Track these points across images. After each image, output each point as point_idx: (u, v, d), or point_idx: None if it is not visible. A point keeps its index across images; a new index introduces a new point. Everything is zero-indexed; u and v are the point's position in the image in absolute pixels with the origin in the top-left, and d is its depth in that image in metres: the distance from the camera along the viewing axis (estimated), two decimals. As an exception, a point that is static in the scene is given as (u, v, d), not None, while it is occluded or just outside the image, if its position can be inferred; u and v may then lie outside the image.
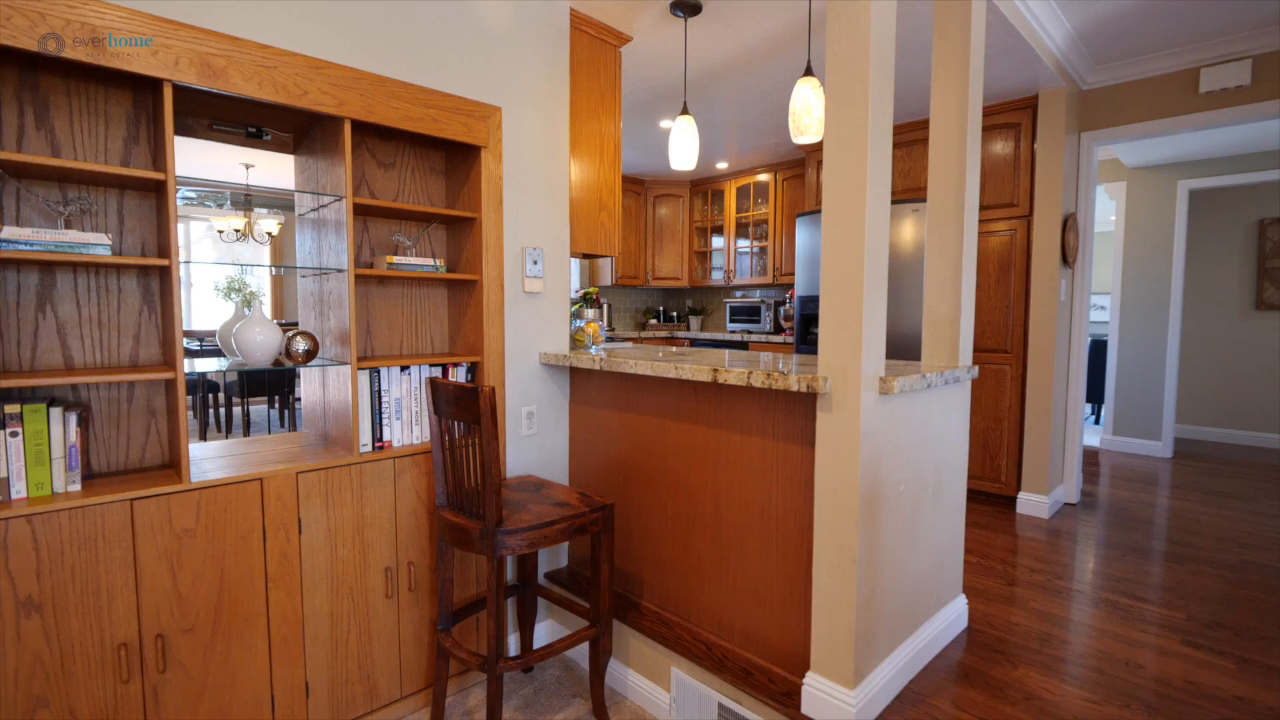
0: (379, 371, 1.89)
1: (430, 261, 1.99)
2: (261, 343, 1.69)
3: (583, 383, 2.31)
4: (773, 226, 5.05)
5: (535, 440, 2.28)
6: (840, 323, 1.40)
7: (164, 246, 1.49)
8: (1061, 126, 3.13)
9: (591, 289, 5.75)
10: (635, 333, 5.47)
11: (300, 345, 1.72)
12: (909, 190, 3.82)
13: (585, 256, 2.65)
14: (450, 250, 2.23)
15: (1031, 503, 3.35)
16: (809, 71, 1.87)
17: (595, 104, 2.45)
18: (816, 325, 4.25)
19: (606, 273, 5.70)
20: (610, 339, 5.18)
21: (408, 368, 1.97)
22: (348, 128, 1.72)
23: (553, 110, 2.27)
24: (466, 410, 1.61)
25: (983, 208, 3.50)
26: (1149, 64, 3.09)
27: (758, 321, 5.15)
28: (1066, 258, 3.24)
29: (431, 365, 2.03)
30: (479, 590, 2.11)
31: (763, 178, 5.14)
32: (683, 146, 2.24)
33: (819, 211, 4.07)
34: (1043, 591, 2.36)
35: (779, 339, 4.62)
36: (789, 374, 1.45)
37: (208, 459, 1.76)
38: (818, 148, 4.30)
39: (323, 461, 1.75)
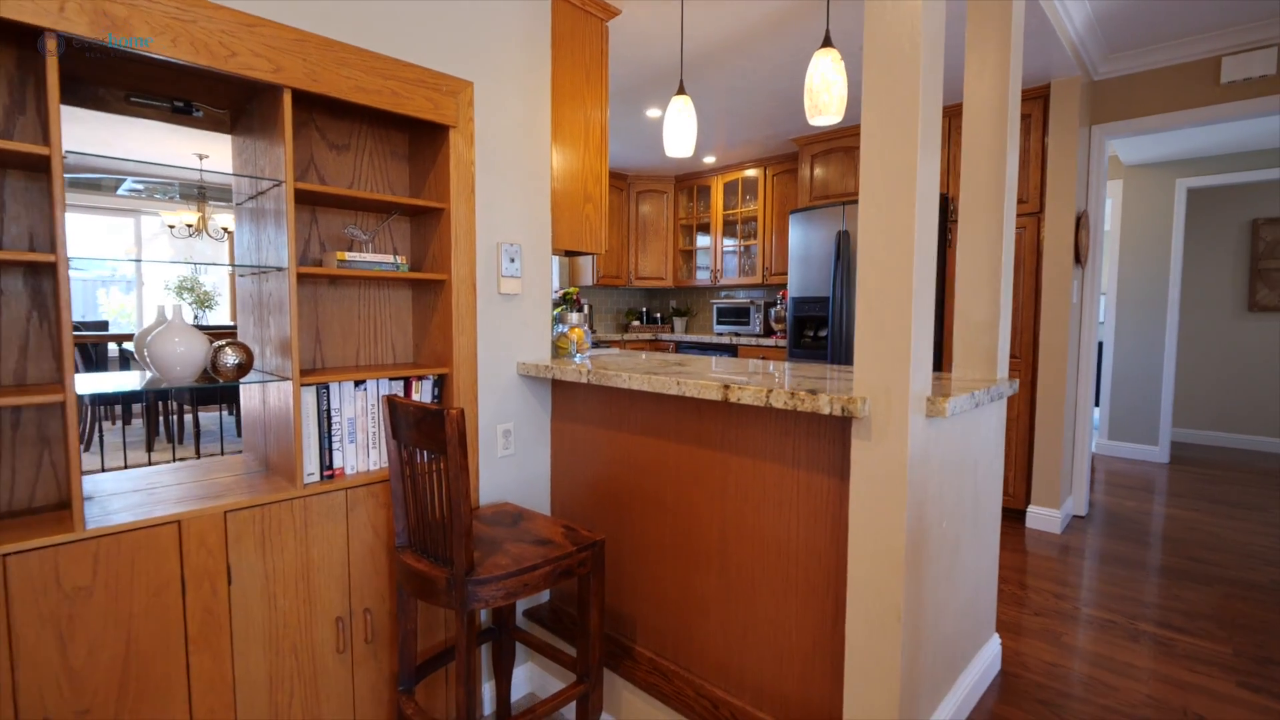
0: (328, 387, 1.63)
1: (390, 259, 1.74)
2: (182, 355, 1.42)
3: (567, 396, 2.08)
4: (762, 224, 4.87)
5: (512, 462, 2.04)
6: (882, 333, 1.19)
7: (52, 238, 1.22)
8: (1075, 118, 3.00)
9: (571, 289, 5.50)
10: (618, 335, 5.24)
11: (230, 358, 1.46)
12: (911, 186, 3.66)
13: (568, 254, 2.42)
14: (415, 246, 1.98)
15: (1042, 516, 3.21)
16: (827, 42, 1.67)
17: (579, 83, 2.22)
18: (811, 328, 4.08)
19: (587, 272, 5.46)
20: (594, 344, 4.95)
21: (363, 382, 1.71)
22: (287, 99, 1.47)
23: (532, 88, 2.03)
24: (430, 437, 1.37)
25: (989, 204, 3.35)
26: (1166, 52, 2.97)
27: (746, 324, 4.97)
28: (1079, 257, 3.11)
29: (392, 379, 1.77)
30: (448, 636, 1.86)
31: (751, 173, 4.95)
32: (679, 130, 2.02)
33: (814, 208, 3.89)
34: (1073, 622, 2.20)
35: (769, 342, 4.44)
36: (818, 393, 1.24)
37: (118, 495, 1.48)
38: (814, 140, 4.13)
39: (259, 496, 1.48)
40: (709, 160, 5.02)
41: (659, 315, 5.99)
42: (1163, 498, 3.85)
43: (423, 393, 1.83)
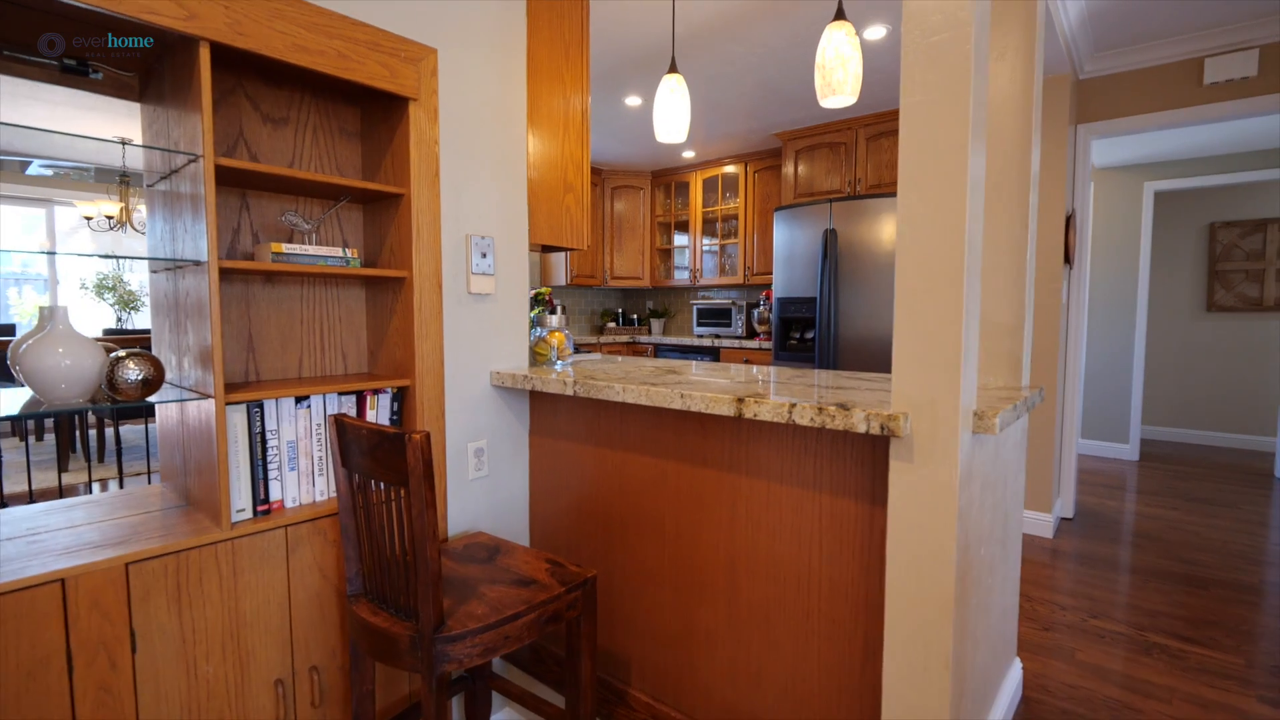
0: (262, 406, 1.36)
1: (338, 252, 1.47)
2: (68, 369, 1.13)
3: (547, 409, 1.84)
4: (743, 222, 4.71)
5: (486, 484, 1.79)
6: (927, 338, 1.00)
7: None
8: (1066, 116, 2.91)
9: (544, 289, 5.24)
10: (593, 337, 5.01)
11: (132, 372, 1.18)
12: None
13: (546, 249, 2.18)
14: (369, 238, 1.71)
15: (1035, 521, 3.12)
16: (840, 15, 1.48)
17: (558, 60, 1.98)
18: (797, 330, 3.92)
19: (560, 271, 5.21)
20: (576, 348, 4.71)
21: (306, 398, 1.44)
22: (204, 55, 1.19)
23: (505, 62, 1.79)
24: (388, 466, 1.12)
25: (978, 202, 3.24)
26: (1150, 52, 2.91)
27: (728, 325, 4.80)
28: (1068, 257, 3.02)
29: (342, 393, 1.51)
30: (412, 690, 1.60)
31: (731, 169, 4.79)
32: (672, 113, 1.81)
33: (799, 205, 3.74)
34: (1083, 636, 2.07)
35: (753, 344, 4.28)
36: (851, 409, 1.04)
37: (-13, 544, 1.18)
38: (799, 135, 3.98)
39: (173, 541, 1.20)
40: (688, 155, 4.84)
41: (635, 317, 5.78)
42: (1140, 496, 3.83)
43: (379, 409, 1.56)
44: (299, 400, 1.43)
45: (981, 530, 1.24)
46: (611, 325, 5.62)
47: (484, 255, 1.71)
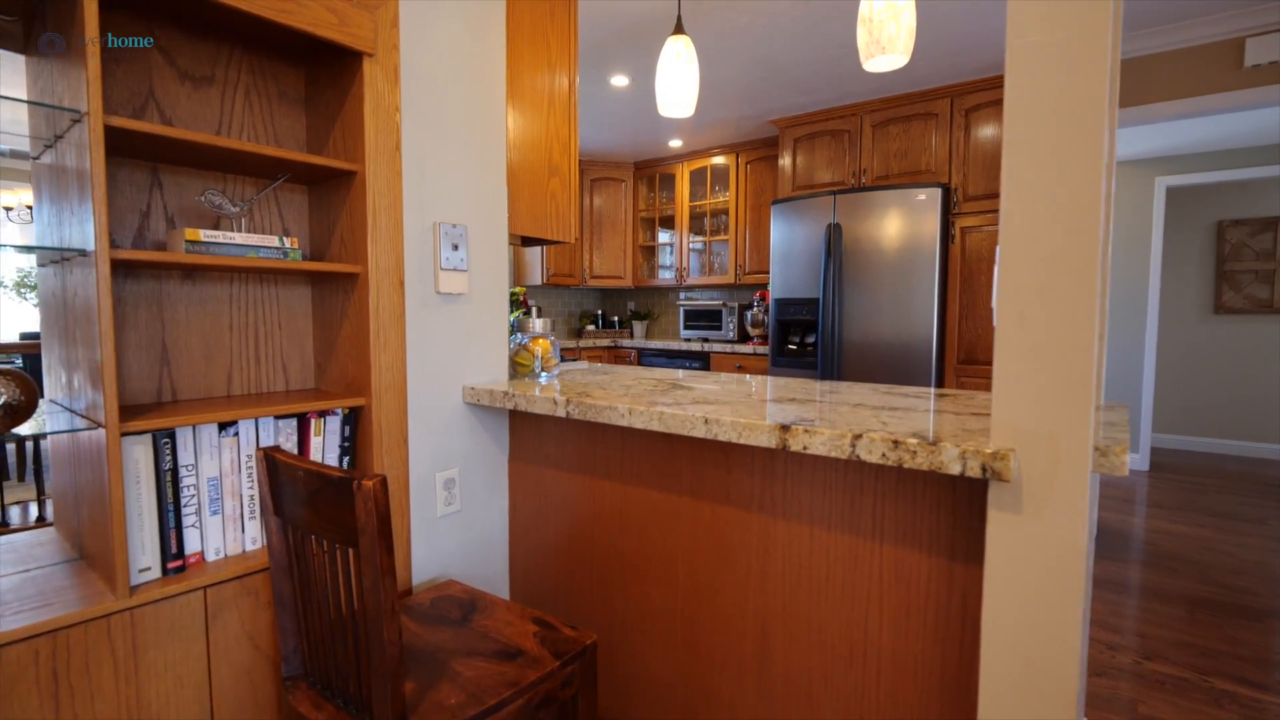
0: (173, 435, 1.12)
1: (273, 241, 1.24)
2: (-103, 394, 0.89)
3: (531, 431, 1.63)
4: (734, 217, 4.55)
5: (457, 521, 1.57)
6: (1043, 352, 0.82)
7: None
8: (1094, 100, 2.81)
9: (518, 288, 5.01)
10: (571, 341, 4.79)
11: (-12, 397, 0.94)
12: (909, 174, 3.42)
13: (525, 242, 1.97)
14: (316, 226, 1.48)
15: (1059, 543, 3.00)
16: (882, -36, 1.31)
17: (543, 21, 1.78)
18: (796, 334, 3.77)
19: (536, 268, 4.99)
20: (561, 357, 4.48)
21: (233, 424, 1.21)
22: (92, -19, 0.96)
23: (482, 16, 1.58)
24: (333, 520, 0.90)
25: (998, 195, 3.14)
26: (1186, 32, 2.83)
27: (718, 328, 4.63)
28: (1097, 255, 2.92)
29: (280, 416, 1.28)
30: (368, 779, 1.37)
31: (720, 160, 4.63)
32: (678, 82, 1.62)
33: (799, 198, 3.59)
34: (1142, 684, 1.94)
35: (746, 349, 4.12)
36: (940, 444, 0.86)
37: None
38: (798, 121, 3.83)
39: (49, 617, 0.97)
40: (674, 144, 4.66)
41: (617, 319, 5.58)
42: (1160, 511, 3.77)
43: (327, 435, 1.33)
44: (224, 427, 1.20)
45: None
46: (591, 328, 5.42)
47: (455, 247, 1.50)
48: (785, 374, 3.73)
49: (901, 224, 3.24)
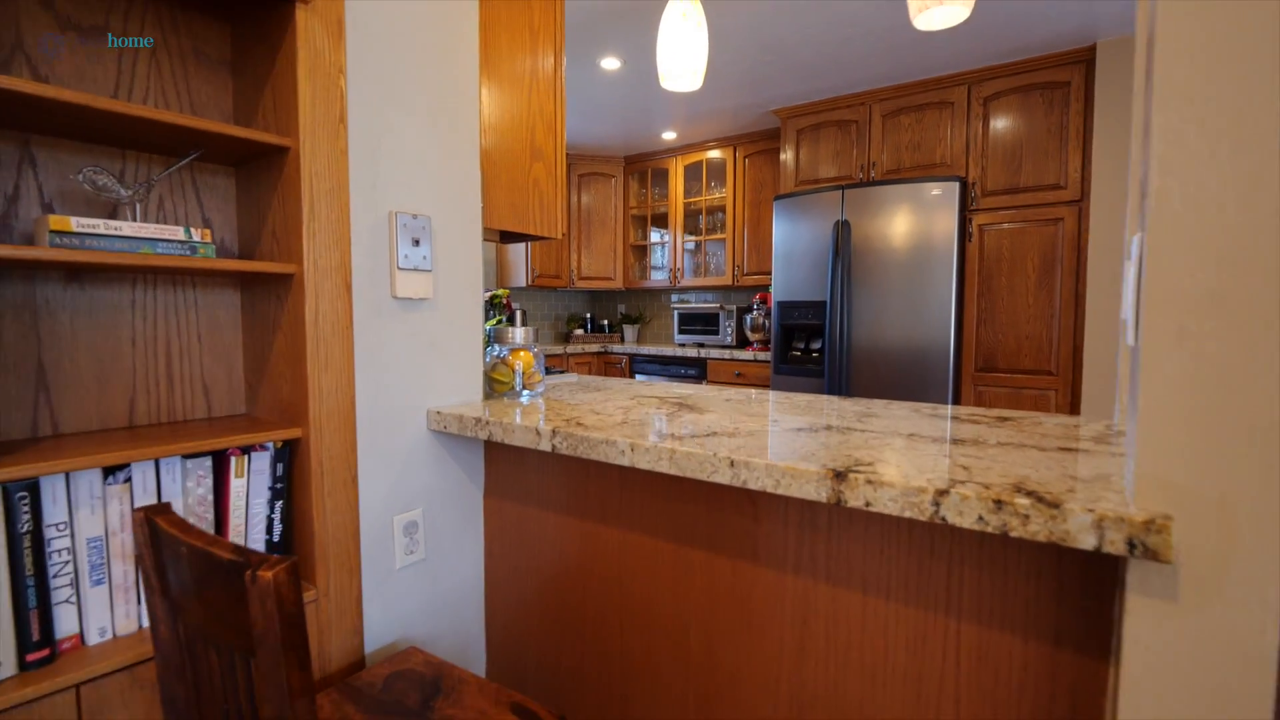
0: (36, 486, 0.87)
1: (175, 233, 0.99)
2: None
3: (510, 461, 1.39)
4: (732, 215, 4.34)
5: (421, 573, 1.32)
6: (1217, 379, 0.60)
7: None
8: (1129, 86, 2.62)
9: (501, 290, 4.75)
10: (558, 347, 4.55)
11: None
12: (922, 167, 3.22)
13: (505, 238, 1.73)
14: (245, 217, 1.23)
15: (1089, 567, 2.81)
16: (936, -103, 1.09)
17: (523, -22, 1.54)
18: (801, 339, 3.56)
19: (520, 269, 4.74)
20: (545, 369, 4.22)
21: (124, 467, 0.96)
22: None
23: (448, -35, 1.34)
24: (223, 619, 0.66)
25: (1019, 189, 2.95)
26: (1223, 12, 2.65)
27: (715, 333, 4.41)
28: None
29: (191, 455, 1.02)
30: None
31: (716, 154, 4.41)
32: (684, 48, 1.39)
33: (803, 193, 3.38)
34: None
35: (746, 355, 3.90)
36: (1062, 506, 0.64)
37: None
38: (802, 111, 3.62)
39: None
40: (668, 136, 4.44)
41: (606, 323, 5.34)
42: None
43: (253, 476, 1.08)
44: (110, 472, 0.94)
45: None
46: (579, 332, 5.17)
47: (416, 242, 1.25)
48: (789, 383, 3.52)
49: (915, 221, 3.04)
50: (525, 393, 1.49)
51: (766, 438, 0.98)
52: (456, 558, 1.39)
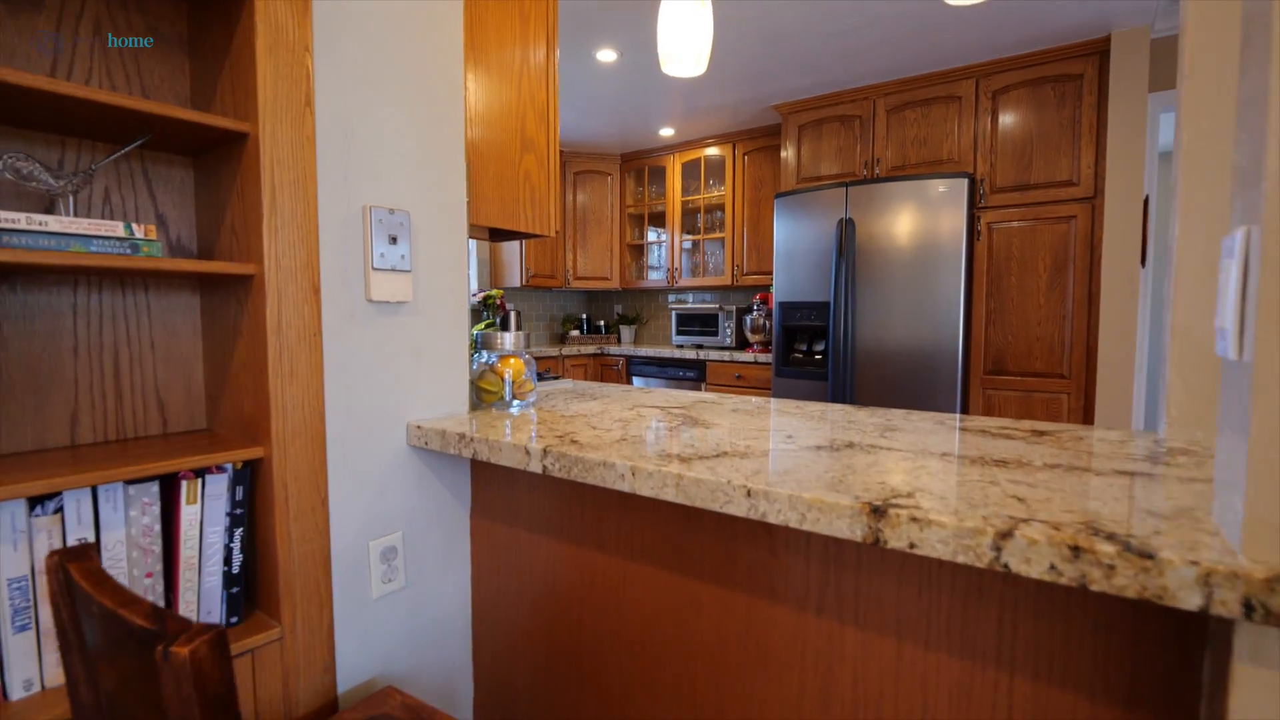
0: (-63, 523, 0.75)
1: (113, 229, 0.87)
2: None
3: (500, 480, 1.27)
4: (731, 213, 4.23)
5: (402, 602, 1.20)
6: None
7: None
8: (1145, 79, 2.52)
9: (495, 291, 4.62)
10: (553, 349, 4.43)
11: None
12: (928, 164, 3.11)
13: (495, 236, 1.61)
14: (204, 212, 1.11)
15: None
16: None
17: (512, -45, 1.42)
18: (803, 341, 3.45)
19: (514, 269, 4.62)
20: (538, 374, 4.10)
21: (54, 496, 0.84)
22: None
23: (429, -65, 1.22)
24: (137, 694, 0.54)
25: (1029, 186, 2.84)
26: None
27: (714, 333, 4.30)
28: (1144, 254, 2.64)
29: (134, 480, 0.90)
30: None
31: (714, 151, 4.30)
32: (687, 29, 1.27)
33: (805, 191, 3.27)
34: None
35: (746, 357, 3.79)
36: (1158, 556, 0.53)
37: None
38: (803, 106, 3.51)
39: None
40: (665, 133, 4.32)
41: (603, 323, 5.22)
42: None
43: (208, 502, 0.96)
44: (38, 502, 0.82)
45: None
46: (575, 333, 5.06)
47: (394, 240, 1.13)
48: (791, 385, 3.41)
49: (921, 219, 2.93)
50: (516, 403, 1.37)
51: (783, 458, 0.87)
52: (440, 585, 1.27)
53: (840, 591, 0.84)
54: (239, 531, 1.01)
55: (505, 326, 4.91)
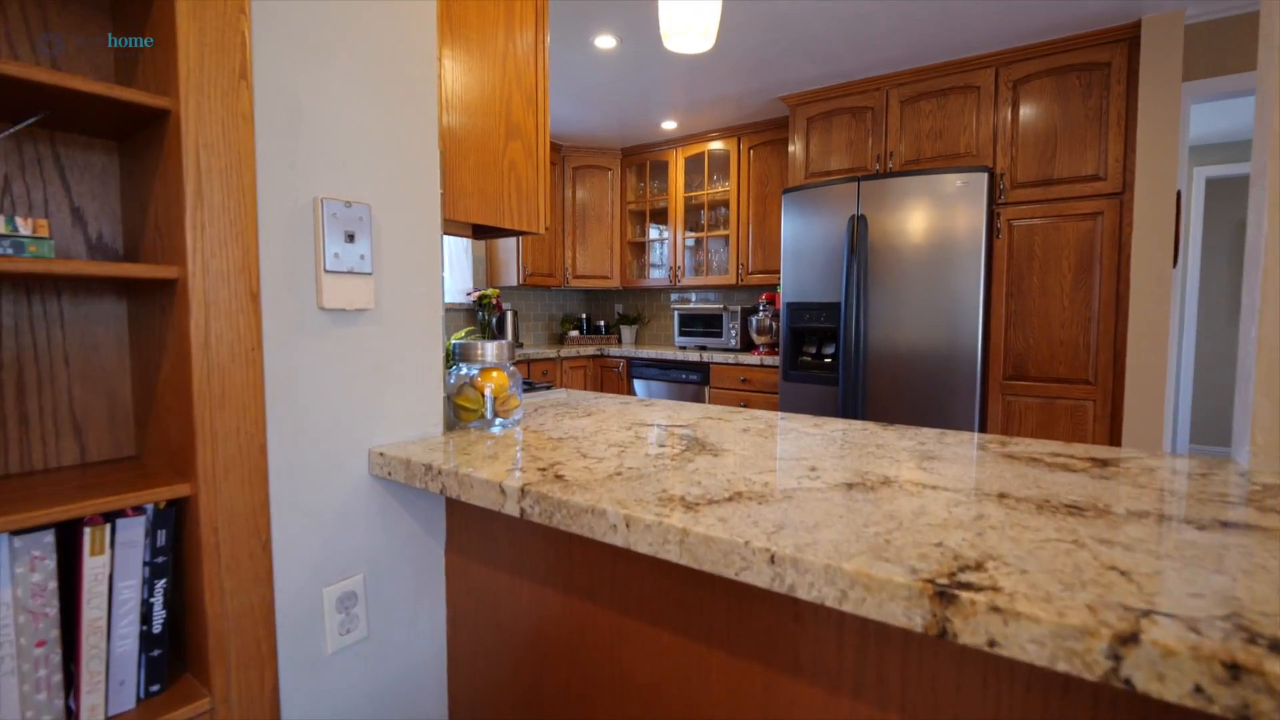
0: None
1: (-13, 223, 0.71)
2: None
3: (477, 514, 1.11)
4: (735, 210, 4.06)
5: (363, 656, 1.04)
6: None
7: None
8: (1178, 68, 2.35)
9: (490, 290, 4.45)
10: (552, 350, 4.27)
11: None
12: (945, 157, 2.94)
13: (482, 233, 1.45)
14: (130, 205, 0.96)
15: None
16: None
17: (494, -83, 1.26)
18: (813, 344, 3.29)
19: (511, 267, 4.45)
20: (529, 383, 3.94)
21: (-95, 555, 0.67)
22: None
23: (394, -115, 1.05)
24: None
25: (1052, 181, 2.67)
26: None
27: (718, 334, 4.13)
28: (1176, 253, 2.47)
29: (21, 531, 0.74)
30: None
31: (719, 146, 4.13)
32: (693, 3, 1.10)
33: (813, 186, 3.11)
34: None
35: (752, 360, 3.63)
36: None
37: None
38: (812, 98, 3.34)
39: None
40: (668, 126, 4.15)
41: (603, 323, 5.06)
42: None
43: (119, 551, 0.81)
44: (-110, 559, 0.66)
45: None
46: (574, 334, 4.89)
47: (351, 238, 0.97)
48: (799, 390, 3.24)
49: (937, 215, 2.76)
50: (498, 421, 1.21)
51: (809, 501, 0.71)
52: (410, 633, 1.11)
53: (883, 673, 0.68)
54: (161, 584, 0.85)
55: (501, 326, 4.75)
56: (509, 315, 4.38)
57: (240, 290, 0.86)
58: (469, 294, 4.33)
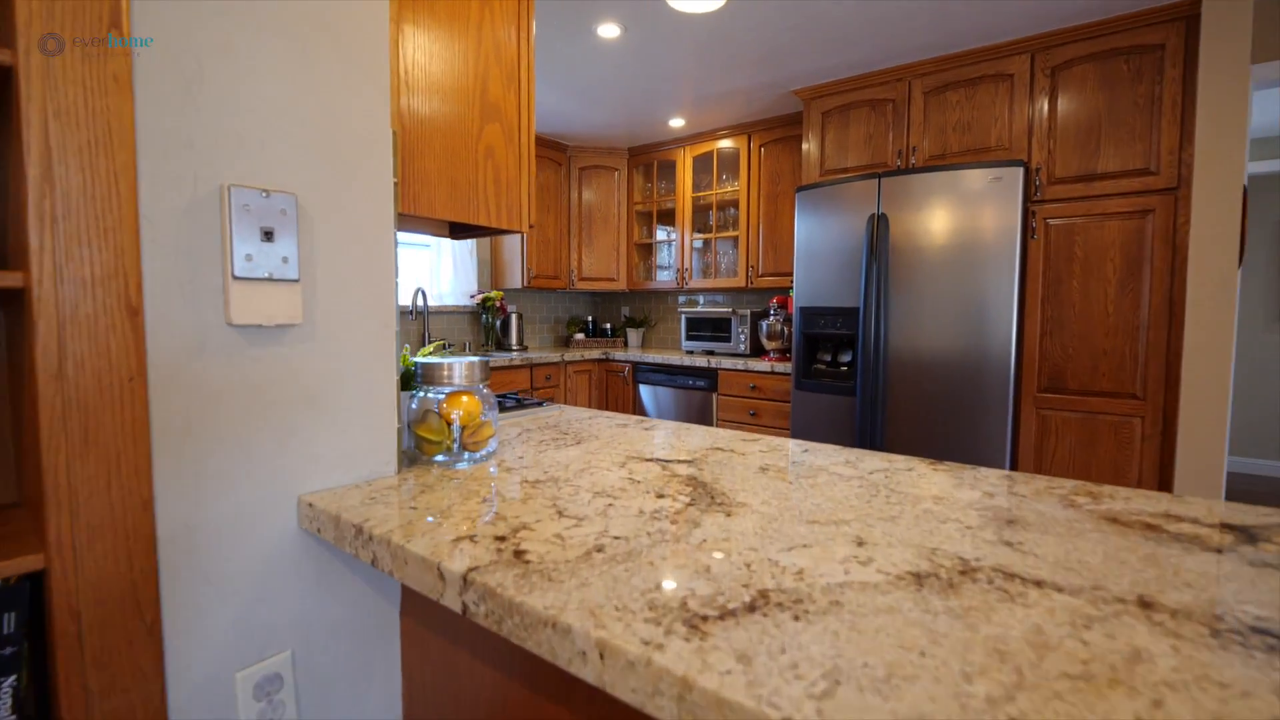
0: None
1: None
2: None
3: (433, 573, 0.89)
4: (745, 210, 3.83)
5: (291, 753, 0.83)
6: None
7: None
8: (1246, 48, 2.09)
9: (494, 293, 4.25)
10: (556, 354, 4.06)
11: None
12: (974, 151, 2.70)
13: (460, 231, 1.24)
14: (-22, 192, 0.74)
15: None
16: None
17: None
18: (828, 351, 3.05)
19: (515, 269, 4.25)
20: (515, 403, 3.73)
21: None
22: None
23: None
24: None
25: (1095, 176, 2.42)
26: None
27: (726, 339, 3.91)
28: (1243, 253, 2.21)
29: None
30: None
31: (728, 144, 3.91)
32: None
33: (830, 184, 2.87)
34: None
35: (762, 366, 3.40)
36: None
37: None
38: (828, 90, 3.11)
39: None
40: (675, 124, 3.93)
41: (609, 326, 4.85)
42: None
43: (-69, 651, 0.59)
44: None
45: None
46: (580, 337, 4.68)
47: (269, 236, 0.76)
48: (813, 400, 3.01)
49: (966, 214, 2.52)
50: (466, 456, 1.00)
51: (865, 612, 0.49)
52: (356, 714, 0.90)
53: None
54: (10, 680, 0.64)
55: (506, 329, 4.55)
56: (513, 318, 4.18)
57: (111, 303, 0.65)
58: (472, 296, 4.15)
